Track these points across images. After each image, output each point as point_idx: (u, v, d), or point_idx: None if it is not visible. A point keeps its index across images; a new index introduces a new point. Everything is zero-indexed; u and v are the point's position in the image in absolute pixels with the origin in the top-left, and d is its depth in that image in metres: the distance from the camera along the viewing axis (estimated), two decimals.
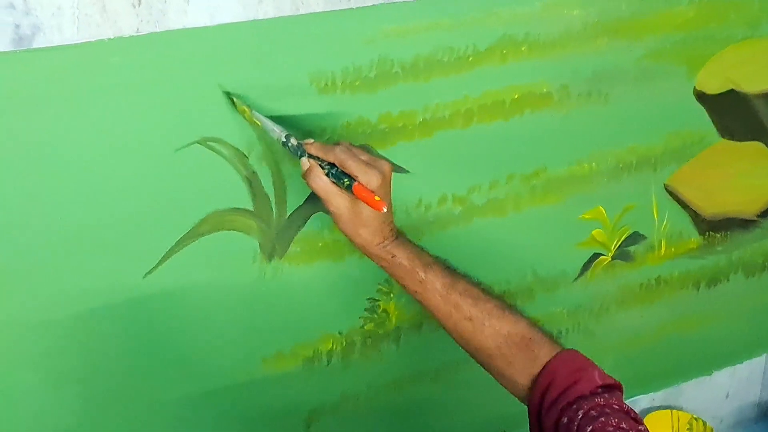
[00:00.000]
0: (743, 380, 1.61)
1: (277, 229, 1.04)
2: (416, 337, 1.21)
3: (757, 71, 1.29)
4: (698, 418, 1.54)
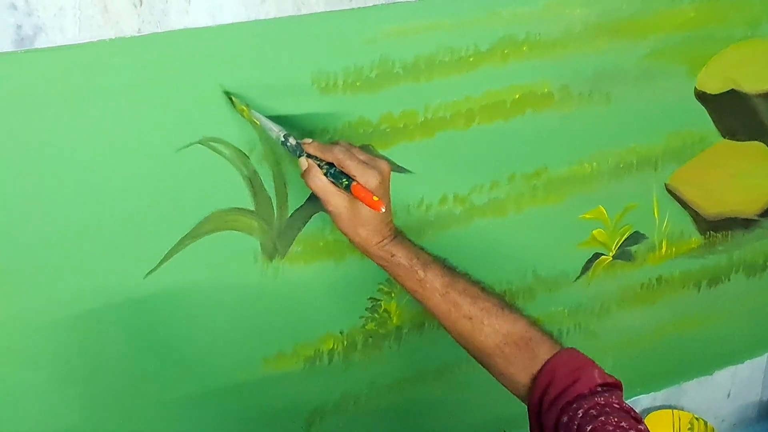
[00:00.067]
0: (744, 380, 1.61)
1: (278, 228, 1.04)
2: (417, 336, 1.21)
3: (757, 71, 1.29)
4: (699, 417, 1.54)
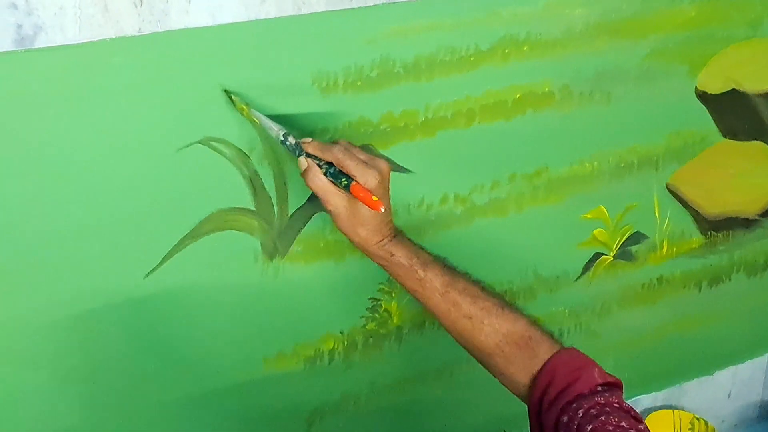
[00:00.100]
0: (745, 380, 1.61)
1: (278, 228, 1.04)
2: (418, 336, 1.21)
3: (758, 71, 1.29)
4: (700, 417, 1.54)
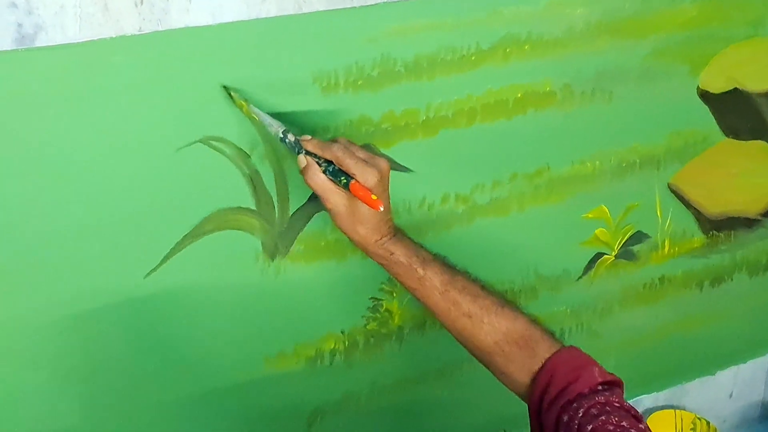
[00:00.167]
0: (747, 380, 1.61)
1: (279, 228, 1.04)
2: (419, 336, 1.21)
3: (760, 70, 1.29)
4: (702, 417, 1.54)
